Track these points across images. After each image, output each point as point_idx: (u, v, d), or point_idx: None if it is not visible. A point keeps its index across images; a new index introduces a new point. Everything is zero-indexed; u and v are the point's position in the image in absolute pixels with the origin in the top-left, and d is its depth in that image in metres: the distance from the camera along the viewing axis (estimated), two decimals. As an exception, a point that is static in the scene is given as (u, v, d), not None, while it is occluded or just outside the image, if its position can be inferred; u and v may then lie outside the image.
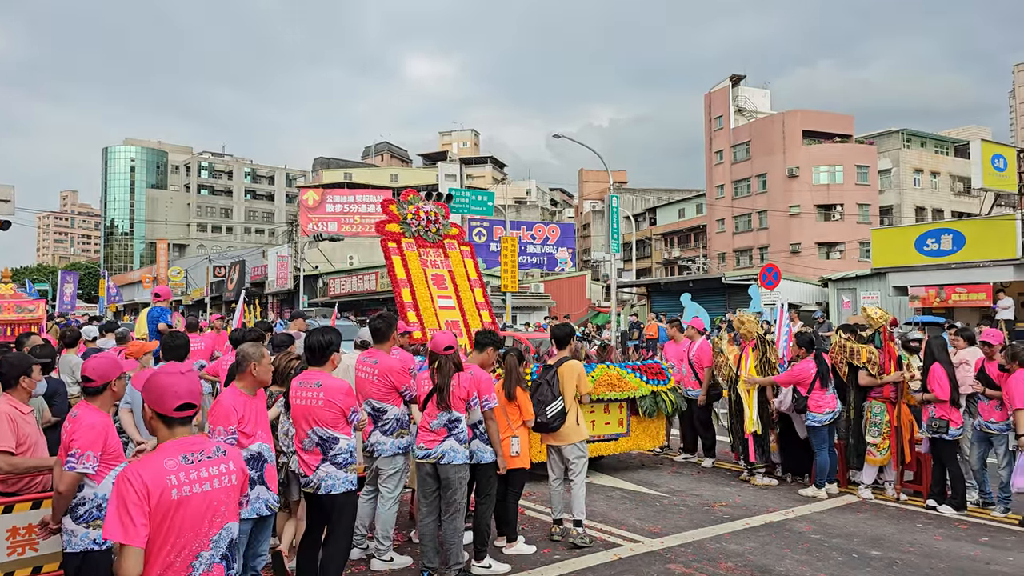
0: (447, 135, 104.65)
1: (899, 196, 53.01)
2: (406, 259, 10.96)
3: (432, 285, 10.93)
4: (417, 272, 10.88)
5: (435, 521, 5.81)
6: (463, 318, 10.96)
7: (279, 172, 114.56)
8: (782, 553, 6.46)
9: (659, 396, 9.52)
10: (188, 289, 69.01)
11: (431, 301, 10.73)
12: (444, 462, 5.64)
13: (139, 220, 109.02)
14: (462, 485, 5.70)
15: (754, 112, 58.29)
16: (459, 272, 11.51)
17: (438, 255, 11.44)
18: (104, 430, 4.01)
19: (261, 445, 4.59)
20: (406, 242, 11.08)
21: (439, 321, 10.48)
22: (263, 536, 4.78)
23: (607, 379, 9.14)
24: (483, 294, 11.64)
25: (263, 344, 5.36)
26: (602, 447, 9.20)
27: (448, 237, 11.79)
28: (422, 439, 5.76)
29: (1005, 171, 21.67)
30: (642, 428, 9.57)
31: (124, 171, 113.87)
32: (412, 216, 11.24)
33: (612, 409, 9.28)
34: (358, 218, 63.45)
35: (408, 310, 10.30)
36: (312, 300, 48.13)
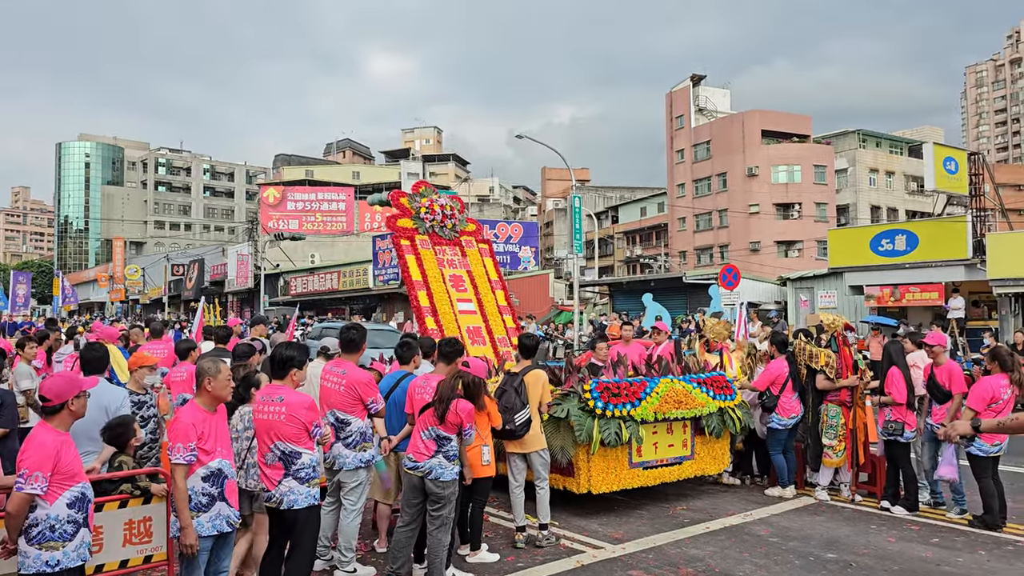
0: (410, 132, 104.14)
1: (855, 195, 53.99)
2: (421, 258, 9.89)
3: (450, 287, 9.93)
4: (434, 272, 9.86)
5: (412, 530, 5.79)
6: (485, 324, 10.02)
7: (239, 169, 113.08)
8: (741, 557, 6.57)
9: (726, 413, 8.45)
10: (145, 288, 67.83)
11: (450, 305, 9.73)
12: (431, 477, 5.63)
13: (94, 217, 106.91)
14: (450, 501, 5.69)
15: (714, 112, 58.90)
16: (478, 272, 10.50)
17: (455, 253, 10.38)
18: (56, 449, 3.94)
19: (221, 461, 4.55)
20: (420, 239, 10.01)
21: (460, 327, 9.61)
22: (224, 553, 4.74)
23: (673, 395, 7.96)
24: (505, 296, 10.67)
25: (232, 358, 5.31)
26: (665, 473, 8.12)
27: (465, 233, 10.72)
28: (412, 449, 5.75)
29: (956, 173, 22.23)
30: (707, 450, 8.49)
31: (79, 167, 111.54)
32: (426, 210, 10.17)
33: (675, 429, 8.15)
34: (320, 216, 62.90)
35: (426, 315, 9.37)
36: (273, 299, 47.62)
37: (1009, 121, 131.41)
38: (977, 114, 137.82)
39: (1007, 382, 7.42)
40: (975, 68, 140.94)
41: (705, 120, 58.13)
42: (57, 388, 4.08)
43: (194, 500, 4.45)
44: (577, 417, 7.31)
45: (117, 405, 5.65)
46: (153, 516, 5.05)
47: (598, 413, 7.33)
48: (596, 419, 7.32)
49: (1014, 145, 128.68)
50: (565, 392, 7.58)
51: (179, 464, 4.38)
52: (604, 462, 7.51)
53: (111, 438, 5.14)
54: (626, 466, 7.66)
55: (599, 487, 7.44)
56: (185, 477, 4.41)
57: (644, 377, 7.99)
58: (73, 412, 4.13)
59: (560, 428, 7.45)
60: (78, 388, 4.15)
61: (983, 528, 7.39)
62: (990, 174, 23.66)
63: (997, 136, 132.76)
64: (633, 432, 7.50)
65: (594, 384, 7.49)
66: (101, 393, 5.65)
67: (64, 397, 4.07)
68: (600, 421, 7.33)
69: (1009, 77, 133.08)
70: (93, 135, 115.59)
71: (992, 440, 7.42)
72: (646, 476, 7.88)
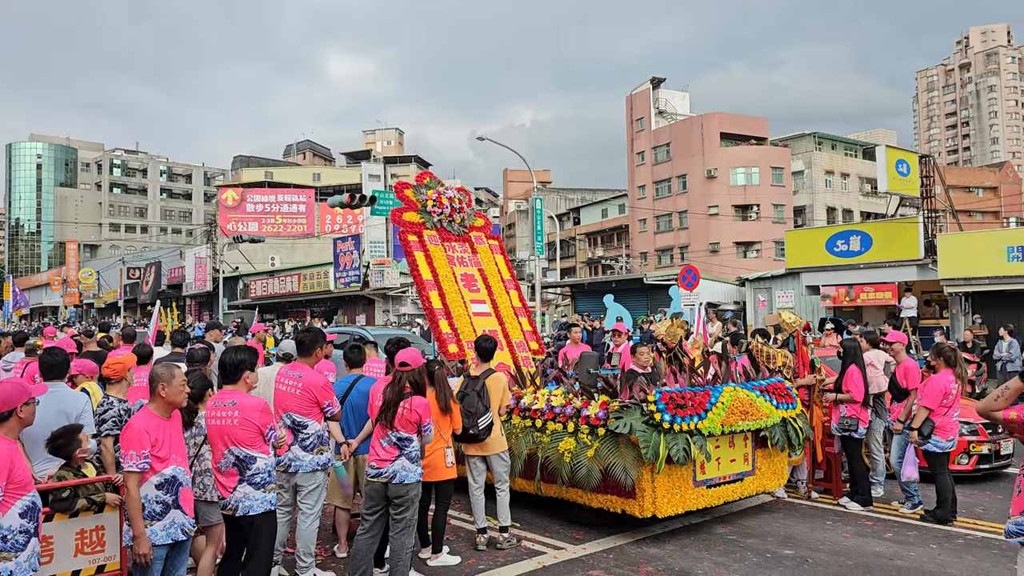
0: (371, 133, 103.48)
1: (811, 197, 54.90)
2: (430, 255, 9.16)
3: (463, 287, 9.23)
4: (445, 271, 9.14)
5: (373, 537, 5.73)
6: (501, 327, 9.23)
7: (197, 170, 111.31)
8: (700, 555, 6.64)
9: (788, 424, 7.77)
10: (100, 292, 66.43)
11: (464, 306, 8.99)
12: (396, 481, 5.55)
13: (47, 220, 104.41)
14: (414, 503, 5.64)
15: (674, 114, 59.51)
16: (490, 271, 9.75)
17: (465, 250, 9.64)
18: (9, 458, 3.84)
19: (176, 469, 4.48)
20: (428, 234, 9.30)
21: (476, 331, 8.82)
22: (179, 561, 4.67)
23: (739, 405, 7.21)
24: (519, 297, 9.91)
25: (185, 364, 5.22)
26: (728, 491, 7.33)
27: (474, 229, 9.99)
28: (373, 457, 5.67)
29: (908, 175, 22.69)
30: (768, 464, 7.77)
31: (30, 168, 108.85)
32: (433, 203, 9.45)
33: (737, 442, 7.42)
34: (280, 218, 62.22)
35: (439, 318, 8.66)
36: (232, 302, 46.99)
37: (959, 125, 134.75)
38: (928, 118, 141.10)
39: (952, 377, 7.63)
40: (926, 73, 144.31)
41: (665, 122, 58.71)
42: (5, 395, 3.98)
43: (148, 508, 4.38)
44: (642, 432, 6.57)
45: (78, 411, 5.51)
46: (106, 525, 4.95)
47: (665, 427, 6.60)
48: (663, 434, 6.59)
49: (964, 148, 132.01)
50: (624, 404, 6.84)
51: (132, 472, 4.30)
52: (669, 481, 6.77)
53: (53, 449, 4.95)
54: (691, 485, 6.96)
55: (664, 510, 6.73)
56: (138, 485, 4.33)
57: (706, 386, 7.28)
58: (22, 420, 4.03)
59: (620, 445, 6.74)
60: (27, 395, 4.05)
61: (935, 522, 7.57)
62: (941, 176, 24.18)
63: (947, 139, 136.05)
64: (701, 447, 6.78)
65: (658, 394, 6.74)
66: (61, 399, 5.52)
67: (12, 404, 3.97)
68: (667, 436, 6.60)
69: (959, 82, 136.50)
70: (45, 135, 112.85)
71: (947, 436, 7.61)
72: (710, 495, 7.14)
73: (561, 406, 7.24)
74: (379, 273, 37.77)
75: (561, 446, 7.03)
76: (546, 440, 7.20)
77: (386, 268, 38.09)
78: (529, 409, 7.51)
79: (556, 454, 7.06)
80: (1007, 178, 69.06)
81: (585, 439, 6.93)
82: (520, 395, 7.70)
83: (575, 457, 6.90)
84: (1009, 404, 3.94)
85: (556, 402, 7.32)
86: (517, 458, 7.35)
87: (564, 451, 6.99)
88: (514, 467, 7.25)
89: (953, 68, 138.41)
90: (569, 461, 6.93)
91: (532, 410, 7.48)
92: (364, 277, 38.33)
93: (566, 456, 6.97)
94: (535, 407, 7.46)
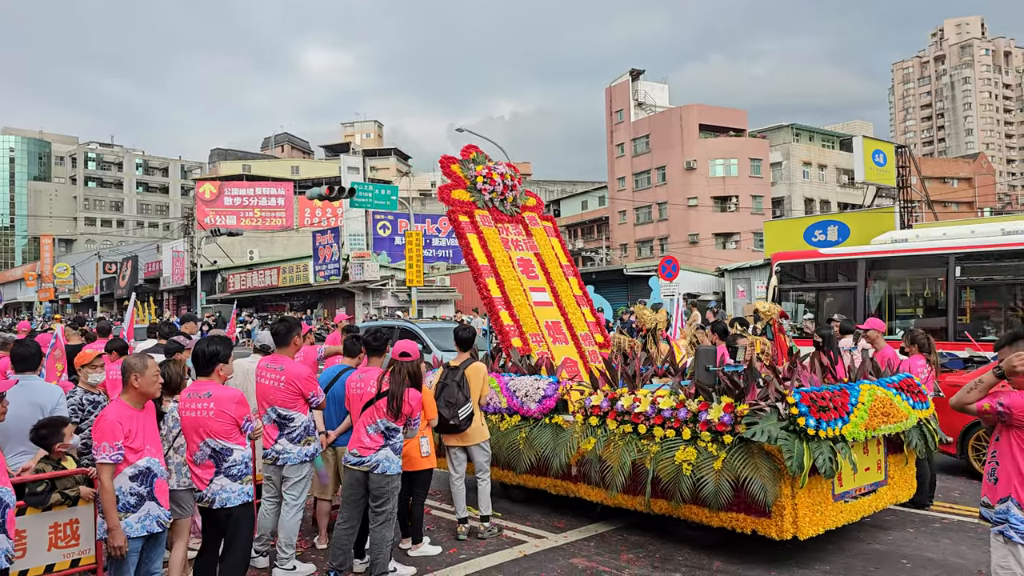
0: (350, 126, 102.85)
1: (789, 188, 55.30)
2: (484, 238, 8.26)
3: (520, 273, 8.33)
4: (501, 255, 8.23)
5: (352, 528, 5.70)
6: (564, 318, 8.39)
7: (173, 164, 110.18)
8: (680, 544, 6.65)
9: (924, 425, 6.85)
10: (76, 287, 65.69)
11: (525, 295, 8.12)
12: (378, 471, 5.51)
13: (20, 214, 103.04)
14: (394, 495, 5.61)
15: (653, 106, 59.61)
16: (548, 255, 8.83)
17: (519, 232, 8.75)
18: None
19: (150, 460, 4.43)
20: (480, 214, 8.41)
21: (539, 323, 8.07)
22: (155, 554, 4.62)
23: (879, 406, 6.28)
24: (579, 284, 9.04)
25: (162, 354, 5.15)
26: (864, 504, 6.36)
27: (527, 209, 9.14)
28: (355, 444, 5.62)
29: (885, 165, 22.94)
30: (900, 472, 6.85)
31: (3, 162, 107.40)
32: (483, 180, 8.61)
33: (871, 448, 6.45)
34: (258, 211, 61.74)
35: (499, 308, 7.87)
36: (211, 296, 46.61)
37: (934, 116, 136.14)
38: (904, 109, 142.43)
39: (924, 362, 7.70)
40: (902, 65, 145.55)
41: (644, 114, 58.80)
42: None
43: (122, 500, 4.32)
44: (784, 440, 5.54)
45: (53, 404, 5.44)
46: (80, 519, 4.89)
47: (811, 433, 5.58)
48: (806, 441, 5.57)
49: (939, 139, 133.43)
50: (755, 407, 5.81)
51: (105, 463, 4.23)
52: (810, 497, 5.77)
53: (35, 439, 4.92)
54: (830, 499, 5.97)
55: (807, 530, 5.73)
56: (112, 477, 4.26)
57: (843, 384, 6.38)
58: None
59: (755, 456, 5.72)
60: None
61: (912, 506, 7.64)
62: (916, 167, 24.46)
63: (923, 131, 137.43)
64: (847, 455, 5.81)
65: (798, 394, 5.72)
66: (35, 392, 5.45)
67: None
68: (810, 444, 5.59)
69: (934, 74, 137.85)
70: (17, 128, 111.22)
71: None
72: (848, 510, 6.18)
73: (672, 409, 6.17)
74: (359, 266, 37.61)
75: (678, 456, 6.00)
76: (655, 449, 6.19)
77: (366, 261, 37.94)
78: (629, 413, 6.46)
79: (672, 466, 6.03)
80: (981, 169, 69.92)
81: (710, 448, 5.88)
82: (615, 396, 6.67)
83: (698, 470, 5.88)
84: (982, 397, 4.00)
85: (665, 404, 6.23)
86: (619, 471, 6.36)
87: (682, 462, 5.96)
88: (615, 480, 6.39)
89: (928, 60, 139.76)
90: (690, 474, 5.91)
91: (633, 414, 6.43)
92: (344, 270, 38.17)
93: (686, 469, 5.94)
94: (637, 410, 6.39)
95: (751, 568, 6.00)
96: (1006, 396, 3.95)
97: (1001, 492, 3.98)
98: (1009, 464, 3.95)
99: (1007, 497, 3.94)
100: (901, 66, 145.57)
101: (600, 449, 6.59)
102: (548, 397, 7.09)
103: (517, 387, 7.38)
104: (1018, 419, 3.88)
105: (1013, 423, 3.89)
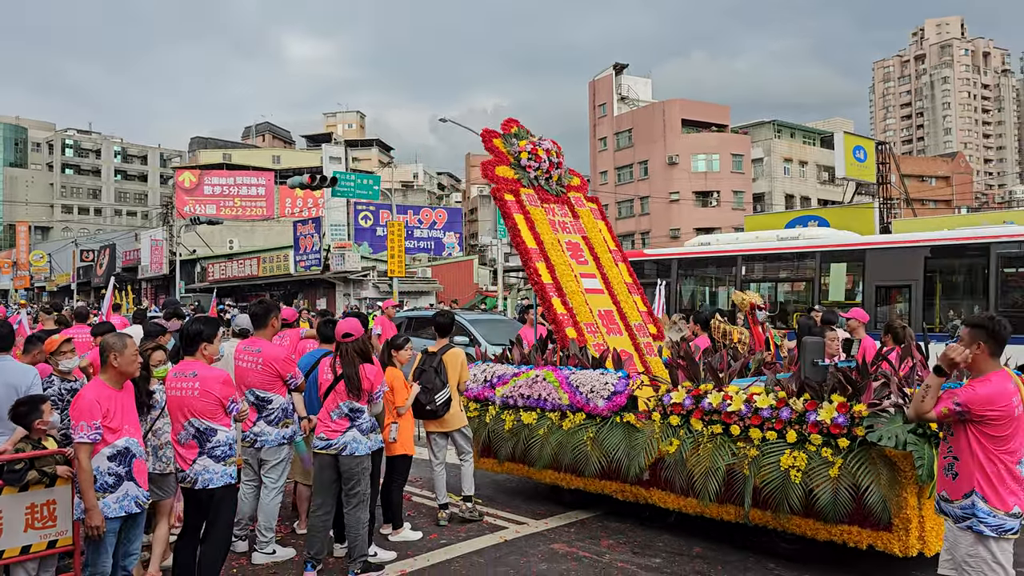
0: (332, 117, 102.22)
1: (770, 184, 55.64)
2: (532, 219, 7.64)
3: (569, 258, 7.74)
4: (550, 238, 7.63)
5: (327, 513, 5.69)
6: (617, 307, 7.75)
7: (152, 151, 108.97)
8: (660, 528, 6.69)
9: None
10: (52, 274, 64.92)
11: (576, 282, 7.52)
12: (346, 453, 5.49)
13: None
14: (365, 476, 5.60)
15: (636, 100, 59.75)
16: (596, 239, 8.24)
17: (565, 214, 8.16)
18: None
19: (128, 440, 4.39)
20: (526, 193, 7.82)
21: (592, 312, 7.46)
22: (134, 534, 4.59)
23: None
24: (629, 271, 8.39)
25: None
26: None
27: (572, 188, 8.58)
28: (322, 429, 5.60)
29: (865, 161, 23.14)
30: None
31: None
32: (528, 156, 7.98)
33: None
34: (239, 200, 61.11)
35: (551, 295, 7.24)
36: (189, 286, 46.23)
37: (914, 115, 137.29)
38: (884, 108, 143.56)
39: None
40: (883, 63, 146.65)
41: (627, 109, 58.93)
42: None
43: (100, 480, 4.28)
44: (915, 446, 4.91)
45: (27, 384, 5.37)
46: (58, 499, 4.82)
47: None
48: (935, 445, 4.89)
49: (918, 138, 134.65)
50: (877, 408, 5.18)
51: (83, 443, 4.20)
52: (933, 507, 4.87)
53: (14, 416, 4.86)
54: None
55: (934, 546, 5.03)
56: (90, 456, 4.23)
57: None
58: None
59: (875, 462, 5.09)
60: None
61: None
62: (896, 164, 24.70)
63: (902, 129, 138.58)
64: None
65: None
66: (8, 372, 5.38)
67: None
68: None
69: (914, 73, 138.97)
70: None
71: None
72: None
73: (772, 408, 5.52)
74: (340, 256, 37.40)
75: (784, 461, 5.34)
76: (753, 453, 5.54)
77: (347, 251, 37.74)
78: (719, 412, 5.79)
79: (776, 472, 5.37)
80: (959, 168, 70.70)
81: (825, 453, 5.22)
82: (699, 392, 6.00)
83: (809, 477, 5.23)
84: (935, 401, 3.98)
85: (763, 403, 5.56)
86: (710, 476, 5.68)
87: (790, 468, 5.32)
88: (707, 488, 5.70)
89: (909, 59, 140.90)
90: (800, 482, 5.26)
91: (724, 413, 5.76)
92: (325, 260, 37.95)
93: (794, 476, 5.27)
94: (729, 409, 5.71)
95: (729, 553, 6.05)
96: (960, 394, 3.92)
97: (963, 487, 3.97)
98: (969, 459, 3.94)
99: (971, 492, 3.93)
100: (882, 65, 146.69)
101: (686, 452, 5.85)
102: (618, 393, 6.38)
103: (581, 382, 6.62)
104: (976, 414, 3.86)
105: (972, 418, 3.88)
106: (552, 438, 6.69)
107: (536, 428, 6.85)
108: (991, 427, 3.85)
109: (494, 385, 7.35)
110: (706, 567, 5.80)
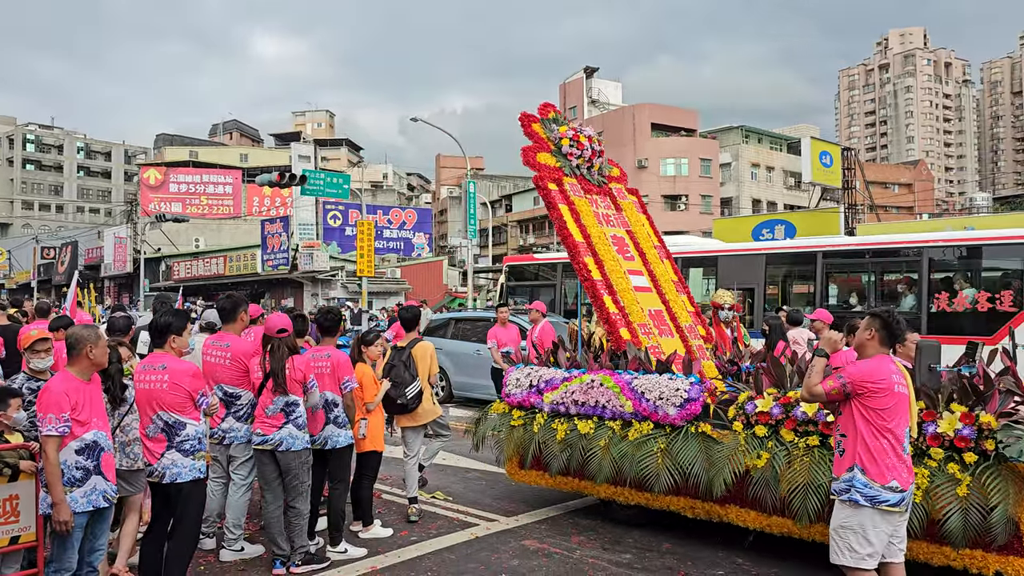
0: (301, 115, 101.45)
1: (738, 188, 56.27)
2: (576, 210, 7.11)
3: (616, 253, 7.22)
4: (596, 232, 7.10)
5: (280, 508, 5.65)
6: (666, 306, 7.22)
7: (117, 148, 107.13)
8: (629, 529, 6.73)
9: None
10: (12, 272, 63.57)
11: (625, 279, 7.01)
12: (282, 449, 5.46)
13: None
14: (303, 470, 5.57)
15: (607, 104, 60.17)
16: (640, 233, 7.74)
17: (608, 206, 7.60)
18: None
19: (97, 433, 4.32)
20: (569, 183, 7.29)
21: (643, 311, 6.93)
22: (100, 530, 4.52)
23: None
24: (674, 268, 7.92)
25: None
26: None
27: (613, 179, 8.08)
28: (259, 425, 5.56)
29: (831, 167, 23.51)
30: None
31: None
32: (569, 143, 7.47)
33: None
34: (205, 199, 60.44)
35: (602, 292, 6.72)
36: (154, 284, 45.55)
37: (878, 123, 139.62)
38: (849, 115, 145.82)
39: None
40: (848, 72, 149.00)
41: (598, 112, 59.29)
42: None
43: (67, 474, 4.21)
44: None
45: None
46: (21, 494, 4.71)
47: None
48: None
49: (881, 146, 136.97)
50: (1010, 419, 4.66)
51: (51, 436, 4.12)
52: None
53: None
54: None
55: None
56: (57, 450, 4.15)
57: None
58: None
59: (1007, 480, 4.50)
60: None
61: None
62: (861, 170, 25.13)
63: (867, 136, 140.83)
64: None
65: None
66: None
67: None
68: None
69: (878, 81, 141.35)
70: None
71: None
72: None
73: None
74: (308, 256, 37.11)
75: None
76: None
77: (315, 251, 37.45)
78: (815, 422, 5.21)
79: None
80: (921, 175, 71.98)
81: (951, 469, 4.62)
82: (788, 400, 5.43)
83: (932, 497, 4.64)
84: (821, 377, 4.29)
85: None
86: (810, 493, 5.04)
87: None
88: (806, 506, 5.05)
89: (873, 68, 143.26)
90: (921, 501, 4.63)
91: (822, 423, 5.15)
92: (293, 260, 37.62)
93: (914, 495, 4.50)
94: (828, 419, 5.08)
95: (699, 549, 6.10)
96: (844, 373, 4.22)
97: (847, 463, 4.19)
98: (852, 434, 4.18)
99: (852, 466, 4.15)
100: (847, 73, 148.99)
101: (780, 467, 5.22)
102: (692, 401, 5.78)
103: (647, 388, 6.02)
104: (858, 386, 4.13)
105: (855, 391, 4.15)
106: (614, 449, 6.05)
107: (595, 438, 6.19)
108: (872, 399, 4.11)
109: (541, 391, 6.70)
110: (676, 562, 5.85)
